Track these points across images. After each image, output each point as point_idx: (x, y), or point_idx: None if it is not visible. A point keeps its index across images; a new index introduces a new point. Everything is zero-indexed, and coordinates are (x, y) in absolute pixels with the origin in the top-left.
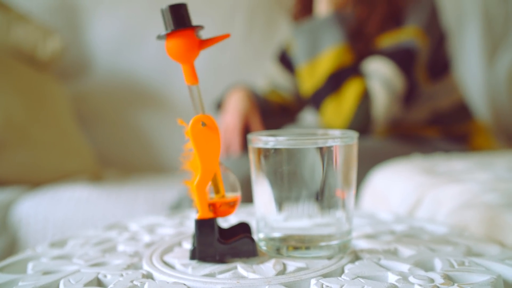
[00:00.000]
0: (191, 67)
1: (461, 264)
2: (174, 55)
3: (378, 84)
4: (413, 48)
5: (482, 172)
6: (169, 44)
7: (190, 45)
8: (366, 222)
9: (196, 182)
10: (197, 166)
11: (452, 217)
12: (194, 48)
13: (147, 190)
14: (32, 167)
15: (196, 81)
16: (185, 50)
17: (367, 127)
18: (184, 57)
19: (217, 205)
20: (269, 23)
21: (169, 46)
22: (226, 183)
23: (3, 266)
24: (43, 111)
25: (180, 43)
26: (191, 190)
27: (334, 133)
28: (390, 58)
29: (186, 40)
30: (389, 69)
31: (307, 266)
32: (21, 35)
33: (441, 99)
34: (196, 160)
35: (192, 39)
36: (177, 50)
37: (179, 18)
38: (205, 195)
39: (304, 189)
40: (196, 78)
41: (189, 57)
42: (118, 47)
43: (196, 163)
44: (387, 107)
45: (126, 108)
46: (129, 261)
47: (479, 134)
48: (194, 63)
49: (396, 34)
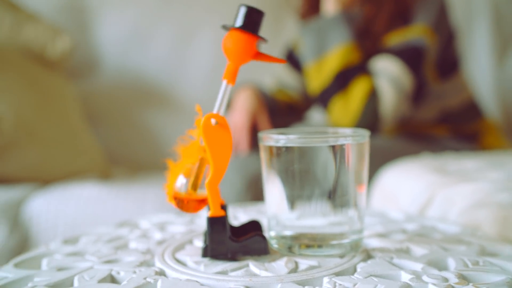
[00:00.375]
0: (236, 68)
1: (475, 264)
2: (229, 50)
3: (386, 82)
4: (421, 46)
5: (493, 171)
6: (229, 38)
7: (248, 49)
8: (377, 221)
9: (208, 180)
10: (188, 154)
11: (464, 216)
12: (250, 54)
13: (156, 188)
14: (42, 165)
15: (233, 82)
16: (241, 51)
17: (375, 125)
18: (237, 57)
19: (185, 201)
20: (276, 22)
21: (228, 40)
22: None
23: (18, 262)
24: (53, 110)
25: (241, 43)
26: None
27: (346, 131)
28: (398, 56)
29: (246, 43)
30: (397, 67)
31: (319, 264)
32: (31, 35)
33: (450, 98)
34: (191, 149)
35: (251, 45)
36: (234, 47)
37: (253, 22)
38: (217, 193)
39: (316, 187)
40: (234, 79)
41: (240, 59)
42: (127, 47)
43: (189, 151)
44: (395, 105)
45: (134, 106)
46: (141, 258)
47: (489, 133)
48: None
49: (404, 32)
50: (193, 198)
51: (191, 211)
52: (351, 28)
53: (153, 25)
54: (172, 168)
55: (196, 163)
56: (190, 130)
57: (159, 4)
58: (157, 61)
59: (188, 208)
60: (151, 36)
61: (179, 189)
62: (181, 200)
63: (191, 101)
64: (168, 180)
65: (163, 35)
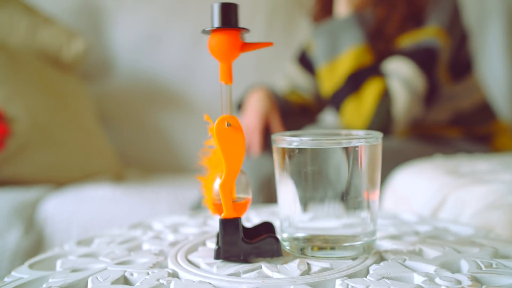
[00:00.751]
0: (229, 67)
1: (488, 266)
2: (215, 52)
3: (398, 84)
4: (434, 48)
5: (506, 173)
6: (212, 40)
7: (233, 45)
8: (390, 223)
9: (221, 182)
10: (214, 164)
11: (476, 218)
12: (236, 49)
13: (169, 190)
14: (56, 167)
15: (230, 81)
16: (227, 49)
17: (387, 127)
18: (225, 55)
19: None
20: (289, 24)
21: (211, 42)
22: (239, 185)
23: (33, 263)
24: (67, 112)
25: (224, 41)
26: (203, 186)
27: (359, 133)
28: (411, 58)
29: (229, 40)
30: (409, 68)
31: (331, 266)
32: (46, 38)
33: (462, 99)
34: (215, 158)
35: (235, 40)
36: (219, 48)
37: (227, 17)
38: (230, 195)
39: (328, 189)
40: (231, 78)
41: (229, 57)
42: (140, 49)
43: (215, 161)
44: (408, 107)
45: (148, 108)
46: (154, 259)
47: (502, 134)
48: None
49: (416, 34)
50: (236, 203)
51: (238, 215)
52: (363, 30)
53: (166, 27)
54: (205, 183)
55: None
56: (207, 140)
57: (172, 7)
58: (170, 64)
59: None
60: (164, 38)
61: (217, 197)
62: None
63: (203, 103)
64: (205, 195)
65: (176, 38)
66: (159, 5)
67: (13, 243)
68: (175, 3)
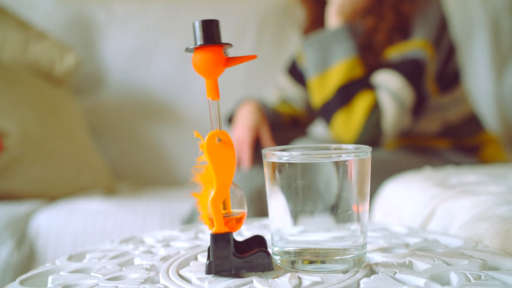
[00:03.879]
0: (214, 83)
1: (477, 278)
2: (200, 69)
3: (387, 96)
4: (420, 59)
5: (494, 184)
6: (196, 57)
7: (217, 61)
8: (380, 235)
9: (211, 198)
10: (208, 180)
11: (465, 229)
12: (220, 64)
13: (161, 203)
14: (48, 181)
15: (217, 96)
16: (211, 66)
17: (376, 139)
18: (209, 72)
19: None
20: (279, 35)
21: (195, 60)
22: (234, 199)
23: (25, 279)
24: (59, 126)
25: (207, 58)
26: (198, 202)
27: (348, 147)
28: (398, 70)
29: (213, 56)
30: (397, 81)
31: (322, 280)
32: (38, 52)
33: (451, 110)
34: (208, 174)
35: (219, 56)
36: (203, 65)
37: (209, 34)
38: (220, 210)
39: (319, 202)
40: (217, 93)
41: (214, 73)
42: (131, 62)
43: (208, 177)
44: (397, 119)
45: (139, 121)
46: (146, 275)
47: (490, 145)
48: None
49: (403, 46)
50: (232, 218)
51: (233, 230)
52: (354, 42)
53: (157, 41)
54: (200, 200)
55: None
56: (199, 157)
57: (163, 21)
58: (161, 77)
59: (230, 228)
60: (155, 52)
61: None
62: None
63: (195, 116)
64: (200, 211)
65: (167, 51)
66: (150, 19)
67: (4, 258)
68: (165, 17)
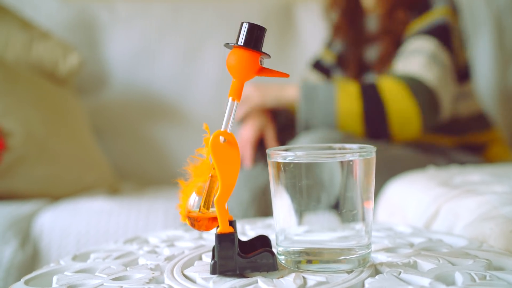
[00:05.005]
0: (241, 85)
1: (482, 279)
2: (233, 68)
3: (426, 60)
4: (445, 24)
5: (499, 184)
6: (232, 56)
7: (251, 66)
8: (384, 235)
9: (217, 197)
10: (198, 173)
11: (469, 229)
12: (253, 71)
13: (165, 202)
14: (52, 181)
15: (239, 99)
16: (244, 69)
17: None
18: (241, 74)
19: (198, 220)
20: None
21: (231, 58)
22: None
23: (29, 279)
24: (62, 125)
25: (243, 61)
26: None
27: (352, 147)
28: (430, 34)
29: (249, 61)
30: (431, 44)
31: (327, 280)
32: (42, 52)
33: (460, 104)
34: (201, 167)
35: (255, 62)
36: (238, 66)
37: (253, 38)
38: (225, 210)
39: (323, 202)
40: (240, 96)
41: (245, 77)
42: (134, 62)
43: (200, 170)
44: (442, 80)
45: (143, 121)
46: (150, 275)
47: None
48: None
49: (425, 18)
50: (206, 216)
51: (205, 229)
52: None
53: (160, 41)
54: (184, 188)
55: (207, 181)
56: (199, 148)
57: (166, 20)
58: (164, 77)
59: (201, 227)
60: (158, 52)
61: (191, 207)
62: (194, 219)
63: (198, 115)
64: (180, 200)
65: (170, 51)
66: (153, 19)
67: (8, 258)
68: (169, 17)
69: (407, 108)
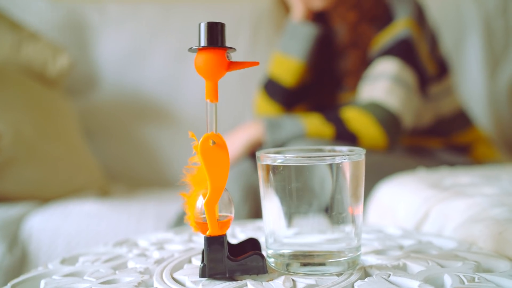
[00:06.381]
0: (214, 85)
1: (471, 281)
2: (201, 70)
3: (389, 84)
4: (408, 38)
5: (488, 186)
6: (198, 59)
7: (219, 64)
8: (374, 237)
9: (206, 200)
10: (198, 181)
11: (459, 231)
12: (222, 68)
13: (155, 205)
14: (41, 183)
15: (216, 99)
16: (213, 68)
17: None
18: (211, 74)
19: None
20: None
21: (198, 61)
22: (221, 203)
23: (17, 283)
24: (52, 127)
25: (210, 61)
26: (186, 203)
27: (342, 149)
28: (392, 55)
29: (216, 59)
30: (395, 65)
31: (316, 283)
32: (31, 53)
33: (442, 101)
34: (199, 175)
35: (222, 59)
36: (205, 67)
37: (213, 36)
38: (214, 212)
39: (313, 205)
40: (216, 96)
41: (216, 76)
42: (125, 63)
43: (198, 178)
44: (406, 100)
45: (133, 123)
46: (139, 278)
47: (480, 144)
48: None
49: (388, 31)
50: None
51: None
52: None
53: (151, 42)
54: (188, 200)
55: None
56: (192, 157)
57: (157, 21)
58: (155, 78)
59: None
60: (149, 53)
61: (200, 214)
62: (205, 225)
63: (189, 117)
64: (188, 212)
65: (161, 52)
66: (144, 20)
67: None
68: (159, 18)
69: (374, 134)
